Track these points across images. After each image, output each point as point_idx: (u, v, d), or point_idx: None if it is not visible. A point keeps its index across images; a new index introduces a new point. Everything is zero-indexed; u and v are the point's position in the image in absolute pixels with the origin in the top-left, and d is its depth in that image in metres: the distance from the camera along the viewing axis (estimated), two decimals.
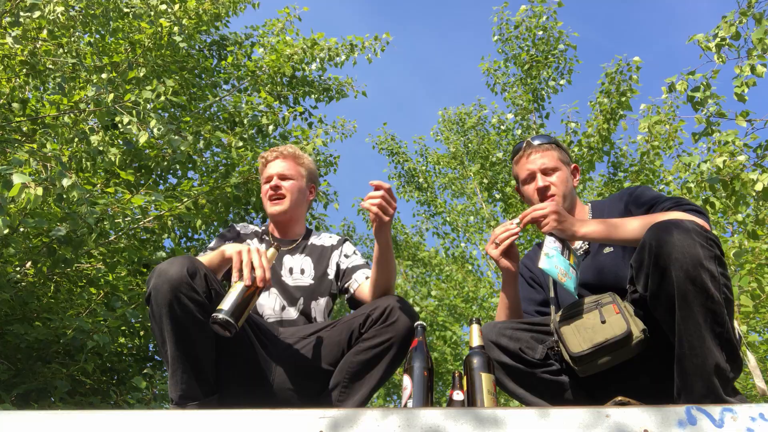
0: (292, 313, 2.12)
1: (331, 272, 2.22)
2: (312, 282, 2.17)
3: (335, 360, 1.91)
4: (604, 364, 1.68)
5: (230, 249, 1.81)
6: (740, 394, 1.52)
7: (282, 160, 2.30)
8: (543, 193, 2.04)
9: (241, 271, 1.71)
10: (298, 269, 2.18)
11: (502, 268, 1.91)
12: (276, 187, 2.23)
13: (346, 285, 2.18)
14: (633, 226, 1.75)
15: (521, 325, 1.87)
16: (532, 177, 2.08)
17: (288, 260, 2.21)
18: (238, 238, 2.26)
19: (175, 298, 1.67)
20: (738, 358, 1.51)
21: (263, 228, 2.34)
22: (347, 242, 2.31)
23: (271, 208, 2.23)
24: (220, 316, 1.61)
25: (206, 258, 1.89)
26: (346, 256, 2.24)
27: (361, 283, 2.13)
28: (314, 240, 2.30)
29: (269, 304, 2.12)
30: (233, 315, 1.62)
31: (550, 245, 1.80)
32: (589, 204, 2.13)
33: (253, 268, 1.71)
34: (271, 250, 1.83)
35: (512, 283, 1.96)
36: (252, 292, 1.70)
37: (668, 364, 1.60)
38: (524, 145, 2.13)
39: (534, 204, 2.06)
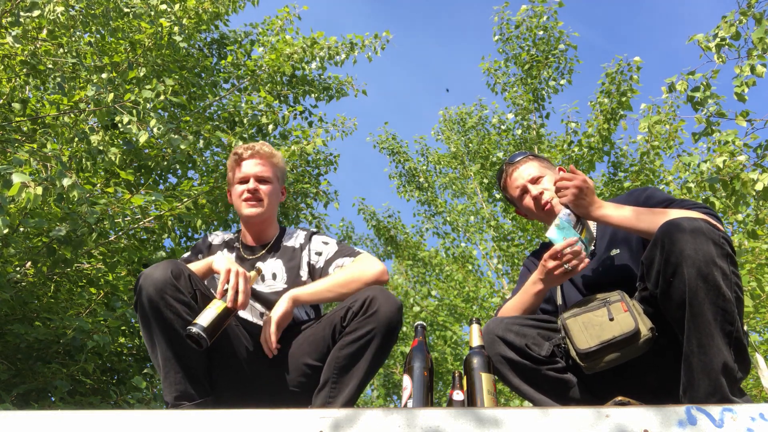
0: None
1: (304, 274, 2.16)
2: (285, 286, 2.12)
3: (322, 355, 1.91)
4: (611, 362, 1.67)
5: (219, 263, 1.89)
6: (746, 395, 1.51)
7: (259, 160, 2.22)
8: (539, 202, 2.05)
9: (225, 290, 1.79)
10: (270, 274, 2.15)
11: (547, 283, 1.88)
12: (254, 191, 2.17)
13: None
14: (652, 218, 1.74)
15: (528, 321, 1.87)
16: (524, 191, 2.09)
17: (261, 267, 2.17)
18: (210, 249, 2.23)
19: (161, 299, 1.71)
20: (746, 359, 1.50)
21: (234, 235, 2.30)
22: (314, 236, 2.25)
23: (248, 210, 2.17)
24: (195, 330, 1.67)
25: (193, 265, 1.95)
26: (318, 254, 2.18)
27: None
28: (286, 241, 2.25)
29: (248, 314, 2.11)
30: (206, 331, 1.69)
31: (564, 217, 1.82)
32: None
33: (237, 291, 1.78)
34: (253, 273, 1.92)
35: (541, 296, 1.93)
36: (229, 313, 1.77)
37: (674, 363, 1.60)
38: (504, 167, 2.17)
39: (538, 216, 2.08)
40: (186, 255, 2.24)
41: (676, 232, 1.52)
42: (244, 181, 2.20)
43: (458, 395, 1.70)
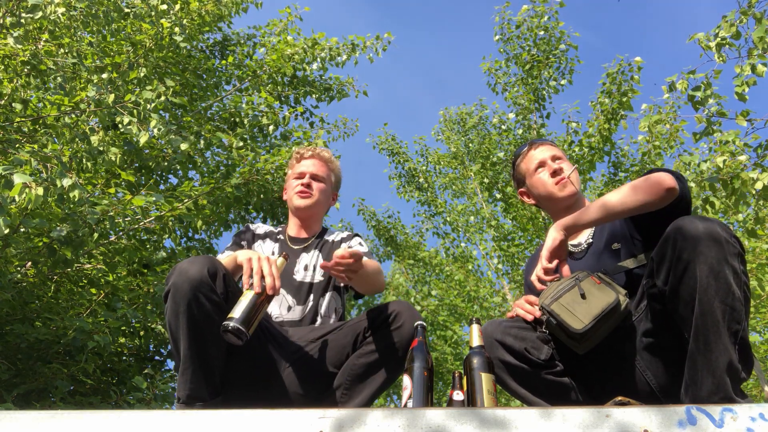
0: (297, 313, 2.12)
1: None
2: (321, 278, 2.20)
3: (340, 363, 1.90)
4: (602, 334, 1.69)
5: (242, 255, 1.84)
6: (747, 396, 1.50)
7: (318, 161, 2.40)
8: (556, 175, 2.08)
9: (251, 278, 1.73)
10: (311, 266, 2.23)
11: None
12: (308, 185, 2.33)
13: None
14: (619, 196, 1.77)
15: (527, 325, 1.85)
16: (542, 164, 2.13)
17: (303, 258, 2.25)
18: (253, 240, 2.31)
19: (194, 297, 1.69)
20: (750, 360, 1.50)
21: (279, 228, 2.41)
22: (357, 237, 2.36)
23: (298, 201, 2.31)
24: (232, 324, 1.62)
25: (224, 261, 1.92)
26: (350, 247, 2.24)
27: None
28: (327, 237, 2.37)
29: (276, 305, 2.14)
30: (244, 323, 1.63)
31: None
32: None
33: (263, 277, 1.72)
34: (281, 259, 1.84)
35: None
36: (262, 300, 1.71)
37: (674, 364, 1.60)
38: (525, 146, 2.22)
39: (547, 194, 2.09)
40: (228, 245, 2.29)
41: (688, 229, 1.52)
42: (301, 177, 2.37)
43: (458, 395, 1.69)
